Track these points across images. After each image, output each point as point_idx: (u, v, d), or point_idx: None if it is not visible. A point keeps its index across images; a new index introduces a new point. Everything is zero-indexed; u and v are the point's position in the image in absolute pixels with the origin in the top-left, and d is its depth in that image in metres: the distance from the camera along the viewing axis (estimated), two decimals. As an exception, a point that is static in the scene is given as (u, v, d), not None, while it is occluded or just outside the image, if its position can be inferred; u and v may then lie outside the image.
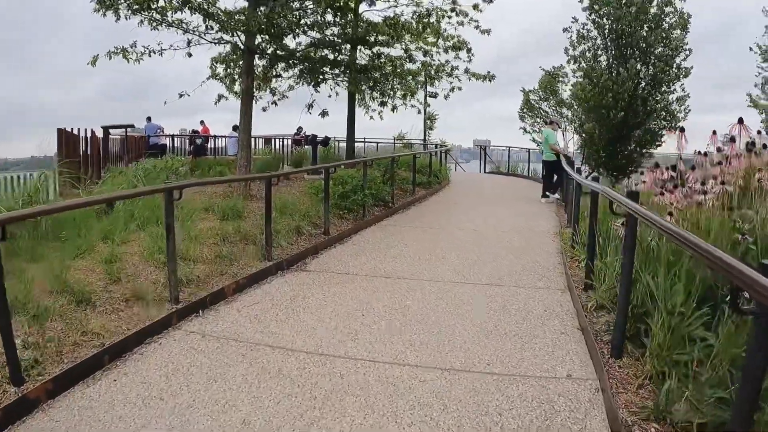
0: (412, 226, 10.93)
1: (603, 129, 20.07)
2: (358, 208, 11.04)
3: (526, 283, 7.04)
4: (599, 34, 20.68)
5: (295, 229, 9.16)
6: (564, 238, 9.32)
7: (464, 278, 7.20)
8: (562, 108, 29.05)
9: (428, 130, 30.18)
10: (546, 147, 14.71)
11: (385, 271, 7.54)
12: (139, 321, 5.25)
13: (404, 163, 16.03)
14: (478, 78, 16.59)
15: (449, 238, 9.81)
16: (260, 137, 25.66)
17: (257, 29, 10.94)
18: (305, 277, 7.31)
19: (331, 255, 8.63)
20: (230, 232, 8.20)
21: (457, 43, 15.84)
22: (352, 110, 16.90)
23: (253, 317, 5.66)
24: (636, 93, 19.58)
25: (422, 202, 14.62)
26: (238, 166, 12.04)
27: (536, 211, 13.16)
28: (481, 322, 5.48)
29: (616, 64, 20.12)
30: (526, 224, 11.22)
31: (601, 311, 5.52)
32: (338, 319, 5.56)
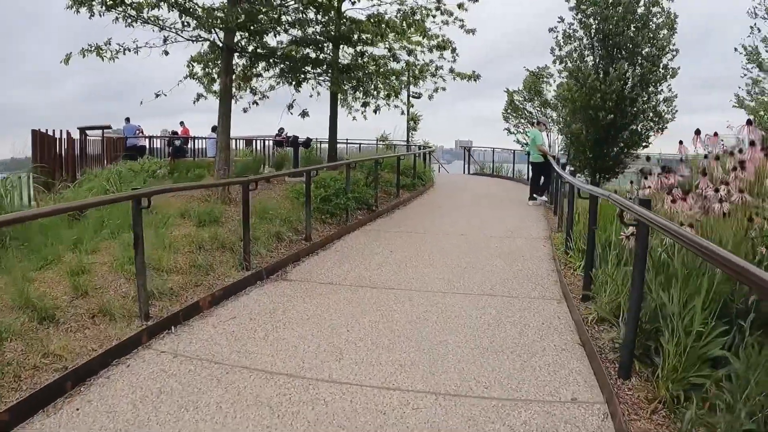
0: (397, 231, 10.56)
1: (590, 130, 19.86)
2: (340, 212, 10.67)
3: (520, 292, 6.71)
4: (585, 34, 20.48)
5: (276, 235, 8.77)
6: (556, 243, 9.02)
7: (454, 287, 6.85)
8: (546, 109, 28.87)
9: (411, 131, 29.89)
10: (533, 148, 14.42)
11: (370, 281, 7.17)
12: (106, 340, 4.83)
13: (388, 165, 15.70)
14: (464, 78, 16.34)
15: (436, 243, 9.46)
16: (241, 138, 25.27)
17: (235, 25, 10.52)
18: (286, 288, 6.92)
19: (314, 262, 8.25)
20: (207, 240, 7.77)
21: (442, 42, 15.58)
22: (335, 111, 16.54)
23: (229, 334, 5.26)
24: (624, 94, 19.37)
25: (407, 204, 14.27)
26: (216, 169, 11.61)
27: (524, 214, 12.85)
28: (474, 338, 5.13)
29: (603, 64, 19.92)
30: (515, 228, 10.90)
31: (603, 324, 5.20)
32: (321, 336, 5.17)
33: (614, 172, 20.83)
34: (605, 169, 20.62)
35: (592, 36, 20.27)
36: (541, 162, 14.24)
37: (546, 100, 28.43)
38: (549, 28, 21.33)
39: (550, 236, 9.94)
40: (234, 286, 6.68)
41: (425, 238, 9.92)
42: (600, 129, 19.68)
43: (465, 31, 15.33)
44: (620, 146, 20.60)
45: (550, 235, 10.10)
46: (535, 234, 10.38)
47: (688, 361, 3.70)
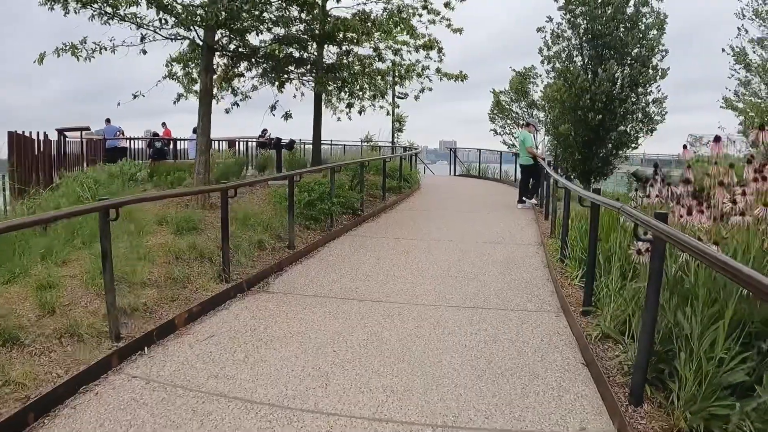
0: (384, 237, 10.22)
1: (579, 131, 19.67)
2: (325, 217, 10.32)
3: (515, 304, 6.39)
4: (574, 34, 20.31)
5: (257, 243, 8.41)
6: (549, 250, 8.71)
7: (446, 300, 6.52)
8: (533, 110, 28.71)
9: (397, 133, 29.57)
10: (522, 150, 14.13)
11: (357, 292, 6.83)
12: (74, 364, 4.45)
13: (373, 167, 15.38)
14: (450, 78, 16.16)
15: (425, 250, 9.13)
16: (223, 140, 24.76)
17: (215, 22, 10.12)
18: (268, 301, 6.56)
19: (297, 272, 7.89)
20: (184, 249, 7.38)
21: (428, 42, 15.34)
22: (319, 112, 16.19)
23: (206, 356, 4.89)
24: (613, 94, 19.21)
25: (393, 208, 13.93)
26: (195, 173, 11.21)
27: (514, 218, 12.55)
28: (471, 358, 4.80)
29: (592, 64, 19.74)
30: (506, 233, 10.60)
31: (607, 342, 4.89)
32: (306, 357, 4.81)
33: (602, 173, 20.70)
34: (593, 171, 20.47)
35: (581, 36, 20.10)
36: (530, 164, 13.96)
37: (533, 101, 28.27)
38: (537, 28, 21.17)
39: (543, 242, 9.65)
40: (213, 300, 6.31)
41: (413, 244, 9.59)
42: (589, 130, 19.52)
43: (452, 31, 15.19)
44: (609, 147, 20.42)
45: (542, 240, 9.82)
46: (527, 239, 10.08)
47: (708, 389, 3.41)
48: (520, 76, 28.82)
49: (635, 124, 20.13)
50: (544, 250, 8.99)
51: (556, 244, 8.76)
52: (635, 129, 20.21)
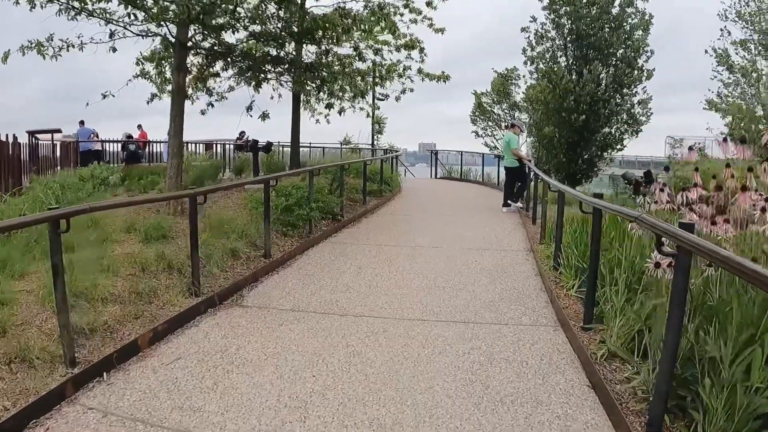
0: (365, 244, 9.76)
1: (563, 132, 19.37)
2: (303, 223, 9.84)
3: (509, 317, 5.97)
4: (558, 34, 20.03)
5: (231, 252, 7.91)
6: (540, 257, 8.32)
7: (433, 314, 6.07)
8: (515, 111, 28.45)
9: (376, 135, 29.16)
10: (507, 152, 13.76)
11: (338, 306, 6.36)
12: (23, 394, 3.95)
13: (353, 170, 14.94)
14: (432, 78, 15.88)
15: (409, 258, 8.70)
16: (200, 142, 24.27)
17: (187, 17, 9.62)
18: (241, 316, 6.07)
19: (273, 283, 7.41)
20: (152, 260, 6.87)
21: (410, 42, 15.01)
22: (297, 113, 15.76)
23: (171, 383, 4.39)
24: (598, 95, 18.94)
25: (374, 213, 13.48)
26: (167, 176, 10.69)
27: (500, 222, 12.15)
28: (465, 382, 4.35)
29: (577, 65, 19.46)
30: (493, 239, 10.19)
31: (614, 361, 4.48)
32: (282, 383, 4.34)
33: (587, 175, 20.44)
34: (578, 173, 20.20)
35: (565, 36, 19.82)
36: (515, 167, 13.60)
37: (515, 103, 28.01)
38: (521, 28, 20.91)
39: (532, 248, 9.27)
40: (181, 316, 5.80)
41: (396, 251, 9.14)
42: (573, 132, 19.25)
43: (434, 31, 14.88)
44: (593, 149, 20.17)
45: (531, 246, 9.43)
46: (516, 245, 9.69)
47: (741, 421, 3.01)
48: (502, 78, 28.55)
49: (620, 125, 19.90)
50: (535, 257, 8.60)
51: (547, 251, 8.37)
52: (620, 130, 19.98)
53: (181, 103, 10.64)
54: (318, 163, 18.65)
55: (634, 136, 20.23)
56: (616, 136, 19.94)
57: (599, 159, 20.13)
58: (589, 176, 20.41)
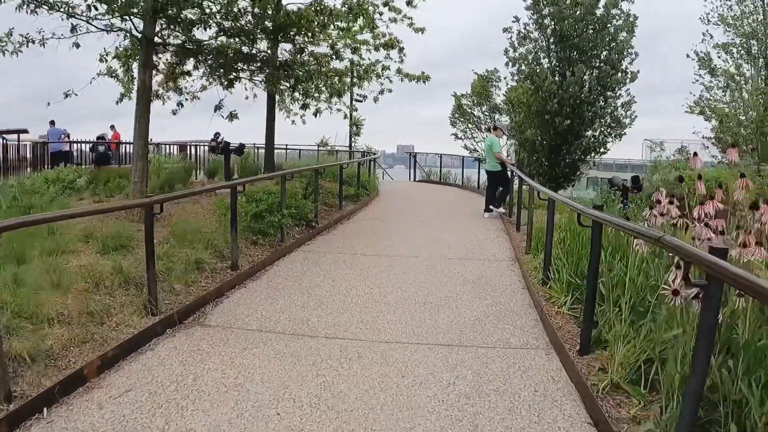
0: (340, 253, 9.22)
1: (546, 136, 18.96)
2: (275, 231, 9.27)
3: (497, 339, 5.46)
4: (541, 35, 19.63)
5: (195, 263, 7.30)
6: (527, 269, 7.84)
7: (414, 335, 5.54)
8: (495, 113, 28.05)
9: (354, 137, 28.58)
10: (489, 155, 13.28)
11: (308, 325, 5.81)
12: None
13: (330, 174, 14.41)
14: (412, 79, 15.52)
15: (386, 269, 8.17)
16: (174, 143, 23.56)
17: (152, 8, 9.02)
18: (202, 338, 5.49)
19: (240, 299, 6.83)
20: (108, 273, 6.26)
21: (389, 41, 14.60)
22: (272, 114, 15.19)
23: (118, 421, 3.81)
24: (582, 98, 18.54)
25: (350, 218, 12.93)
26: (132, 180, 10.09)
27: (482, 229, 11.65)
28: (452, 421, 3.82)
29: (560, 67, 19.06)
30: (476, 248, 9.70)
31: (617, 393, 3.98)
32: (242, 423, 3.78)
33: (570, 179, 20.06)
34: (561, 177, 19.81)
35: (549, 37, 19.42)
36: (497, 171, 13.14)
37: (495, 105, 27.58)
38: (503, 28, 20.53)
39: (517, 257, 8.78)
40: (135, 339, 5.21)
41: (373, 261, 8.61)
42: (556, 135, 18.84)
43: (414, 30, 14.51)
44: (577, 153, 19.79)
45: (516, 256, 8.94)
46: (500, 254, 9.20)
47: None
48: (482, 79, 28.10)
49: (604, 128, 19.54)
50: (521, 268, 8.13)
51: (534, 261, 7.89)
52: (604, 134, 19.63)
53: (146, 103, 10.06)
54: (294, 165, 18.08)
55: (618, 140, 19.97)
56: (599, 140, 19.62)
57: (582, 163, 19.77)
58: (571, 180, 20.06)
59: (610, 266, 5.14)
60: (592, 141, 19.54)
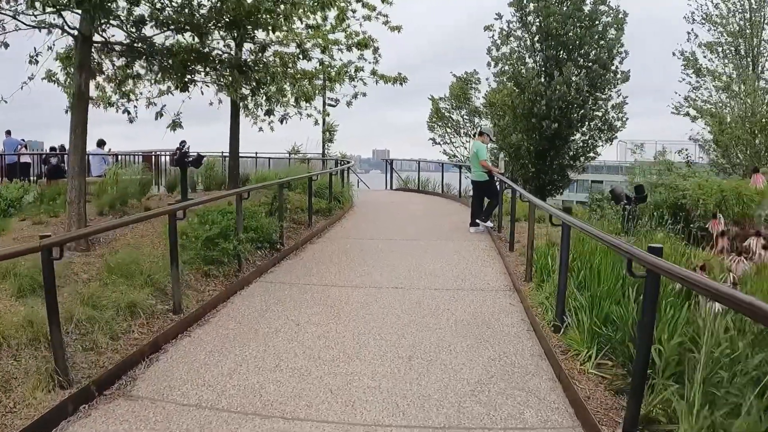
0: (308, 284, 7.90)
1: (533, 140, 17.77)
2: (230, 259, 7.92)
3: (506, 413, 4.20)
4: (526, 33, 18.48)
5: (129, 307, 5.92)
6: (530, 303, 6.59)
7: (400, 412, 4.25)
8: (474, 117, 26.97)
9: (327, 143, 27.24)
10: (475, 163, 12.03)
11: (262, 399, 4.50)
12: None
13: (300, 185, 13.11)
14: (388, 81, 14.58)
15: (362, 306, 6.88)
16: (138, 153, 22.36)
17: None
18: (124, 419, 4.19)
19: (181, 355, 5.48)
20: (16, 327, 4.90)
21: (363, 40, 13.54)
22: (236, 121, 13.98)
23: None
24: (570, 99, 17.38)
25: (322, 236, 11.59)
26: (67, 200, 8.73)
27: (470, 248, 10.37)
28: None
29: (547, 67, 17.90)
30: (465, 273, 8.44)
31: None
32: None
33: (558, 186, 18.91)
34: (548, 184, 18.65)
35: (533, 35, 18.25)
36: (484, 180, 11.92)
37: (475, 108, 26.47)
38: (485, 26, 19.42)
39: (516, 286, 7.55)
40: (37, 425, 3.87)
41: (347, 295, 7.32)
42: (543, 139, 17.67)
43: (389, 29, 13.73)
44: (566, 158, 18.63)
45: (514, 284, 7.71)
46: (494, 282, 7.96)
47: None
48: (461, 81, 26.99)
49: (594, 131, 18.42)
50: (522, 302, 6.90)
51: (539, 295, 6.64)
52: (594, 137, 18.51)
53: (83, 111, 8.81)
54: (261, 176, 16.69)
55: (609, 143, 18.94)
56: (589, 144, 18.51)
57: (571, 168, 18.65)
58: (559, 187, 18.93)
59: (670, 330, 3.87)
60: (582, 145, 18.46)
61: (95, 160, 20.85)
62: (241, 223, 8.17)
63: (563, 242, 5.54)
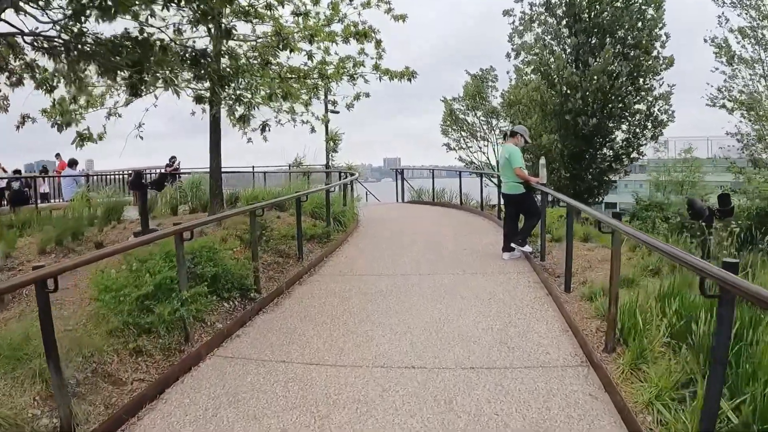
0: (283, 360, 5.46)
1: (568, 140, 15.18)
2: (169, 329, 5.49)
3: None
4: (551, 17, 15.95)
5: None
6: (629, 397, 4.08)
7: None
8: (492, 119, 24.51)
9: (331, 153, 24.80)
10: (508, 172, 9.54)
11: None
12: None
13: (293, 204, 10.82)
14: (393, 77, 12.15)
15: (361, 405, 4.44)
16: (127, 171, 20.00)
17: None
18: None
19: None
20: None
21: (362, 31, 11.44)
22: (216, 129, 11.63)
23: None
24: (611, 91, 14.78)
25: (314, 274, 9.09)
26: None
27: (509, 286, 7.88)
28: None
29: (580, 54, 15.31)
30: (511, 335, 5.95)
31: None
32: None
33: (595, 194, 16.33)
34: (584, 192, 16.06)
35: (560, 19, 15.71)
36: (519, 193, 9.43)
37: (493, 109, 23.97)
38: (504, 11, 16.84)
39: (590, 357, 5.05)
40: None
41: (338, 384, 4.86)
42: (579, 139, 15.08)
43: (393, 18, 11.64)
44: (608, 160, 16.05)
45: (588, 354, 5.19)
46: (555, 349, 5.48)
47: None
48: (476, 79, 24.52)
49: (639, 128, 15.84)
50: (611, 397, 4.38)
51: (644, 391, 4.11)
52: (636, 134, 15.94)
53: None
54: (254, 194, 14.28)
55: (653, 141, 16.36)
56: (632, 142, 15.97)
57: (612, 171, 16.12)
58: (597, 195, 16.38)
59: None
60: (623, 144, 15.93)
61: (66, 182, 18.89)
62: (184, 274, 5.71)
63: (722, 320, 3.01)
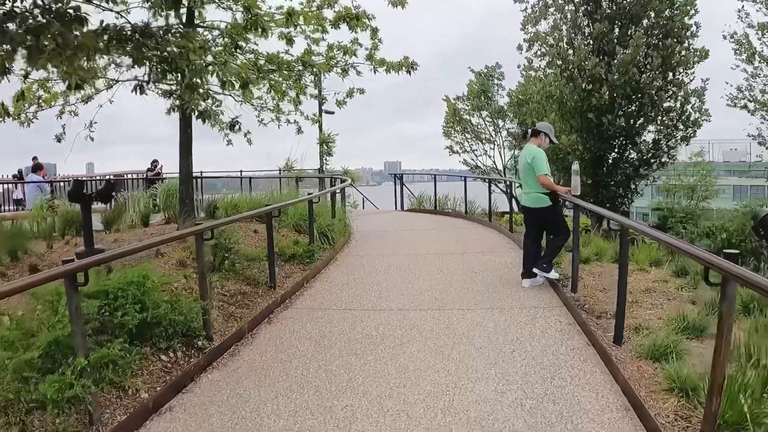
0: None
1: (590, 142, 13.43)
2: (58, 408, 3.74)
3: None
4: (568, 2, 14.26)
5: None
6: None
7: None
8: (498, 119, 22.91)
9: (325, 157, 23.05)
10: (530, 178, 7.77)
11: None
12: None
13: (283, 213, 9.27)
14: (391, 68, 10.78)
15: None
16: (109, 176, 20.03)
17: None
18: None
19: None
20: None
21: (353, 14, 10.11)
22: (188, 130, 10.07)
23: None
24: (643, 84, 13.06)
25: (287, 309, 7.26)
26: None
27: (535, 330, 6.10)
28: None
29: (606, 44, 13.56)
30: (551, 418, 4.15)
31: None
32: None
33: (618, 203, 14.60)
34: (607, 200, 14.35)
35: (579, 5, 14.00)
36: (545, 207, 7.66)
37: (500, 109, 22.39)
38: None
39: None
40: None
41: None
42: (603, 141, 13.35)
43: (390, 3, 10.11)
44: (636, 164, 14.32)
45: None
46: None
47: None
48: (482, 77, 22.94)
49: (671, 128, 14.13)
50: None
51: None
52: (667, 135, 14.23)
53: None
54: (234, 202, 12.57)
55: (685, 143, 14.67)
56: (662, 144, 14.27)
57: (639, 177, 14.44)
58: (621, 204, 14.67)
59: None
60: (652, 146, 14.24)
61: (29, 189, 17.44)
62: (81, 333, 3.92)
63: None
